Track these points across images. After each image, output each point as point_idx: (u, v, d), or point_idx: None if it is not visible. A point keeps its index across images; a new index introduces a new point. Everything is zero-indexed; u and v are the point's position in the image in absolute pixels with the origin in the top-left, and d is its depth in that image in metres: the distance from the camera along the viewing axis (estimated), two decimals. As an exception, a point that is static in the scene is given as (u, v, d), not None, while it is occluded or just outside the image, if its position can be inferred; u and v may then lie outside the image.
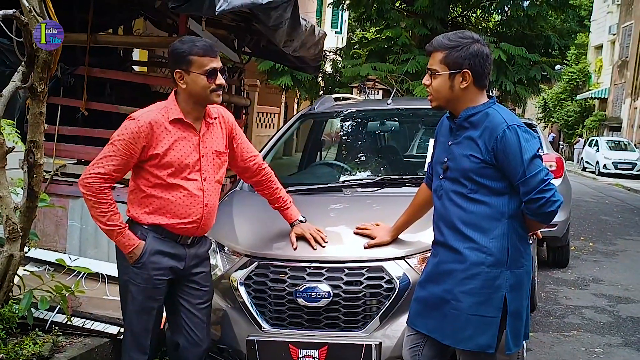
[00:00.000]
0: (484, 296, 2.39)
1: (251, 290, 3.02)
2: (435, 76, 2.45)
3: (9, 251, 3.10)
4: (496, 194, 2.41)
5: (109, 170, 2.63)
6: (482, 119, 2.42)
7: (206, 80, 2.66)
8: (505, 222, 2.41)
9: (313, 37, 5.83)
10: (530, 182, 2.33)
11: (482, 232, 2.40)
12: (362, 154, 4.68)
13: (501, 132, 2.35)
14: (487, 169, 2.39)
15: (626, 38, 30.60)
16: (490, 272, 2.39)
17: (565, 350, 4.68)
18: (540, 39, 10.88)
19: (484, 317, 2.39)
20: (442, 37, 2.47)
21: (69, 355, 3.27)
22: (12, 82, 2.95)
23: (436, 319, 2.49)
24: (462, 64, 2.40)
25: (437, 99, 2.49)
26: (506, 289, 2.40)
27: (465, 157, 2.43)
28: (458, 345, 2.45)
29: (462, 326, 2.41)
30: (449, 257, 2.47)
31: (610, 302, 6.05)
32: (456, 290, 2.42)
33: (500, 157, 2.36)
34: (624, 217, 12.37)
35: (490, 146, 2.36)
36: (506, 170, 2.37)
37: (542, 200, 2.33)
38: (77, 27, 5.41)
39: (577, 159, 29.51)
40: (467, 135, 2.45)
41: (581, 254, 8.35)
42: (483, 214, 2.40)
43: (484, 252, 2.39)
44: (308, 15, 17.01)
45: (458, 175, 2.45)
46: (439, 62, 2.43)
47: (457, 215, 2.45)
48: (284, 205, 3.15)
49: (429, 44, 2.50)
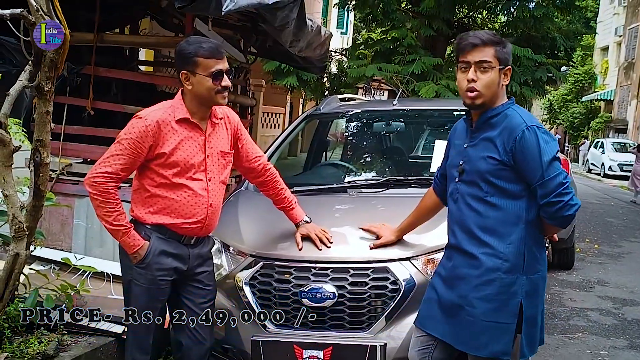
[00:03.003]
0: (499, 302, 2.36)
1: (256, 291, 3.02)
2: (486, 70, 2.37)
3: (15, 250, 3.10)
4: (513, 197, 2.37)
5: (116, 169, 2.63)
6: (501, 119, 2.40)
7: (211, 82, 2.66)
8: (522, 226, 2.37)
9: (319, 38, 5.83)
10: (548, 184, 2.30)
11: (498, 237, 2.37)
12: (367, 154, 4.68)
13: (520, 133, 2.32)
14: (504, 170, 2.36)
15: (632, 40, 30.48)
16: (506, 278, 2.36)
17: (570, 353, 4.66)
18: (546, 40, 10.85)
19: (499, 324, 2.36)
20: (484, 33, 2.41)
21: (73, 354, 3.28)
22: (19, 81, 2.95)
23: (450, 324, 2.46)
24: (508, 60, 2.40)
25: (484, 95, 2.39)
26: (522, 295, 2.37)
27: (482, 158, 2.39)
28: (473, 351, 2.42)
29: (477, 333, 2.38)
30: (464, 262, 2.43)
31: (615, 304, 6.03)
32: (471, 296, 2.39)
33: (519, 159, 2.33)
34: (630, 219, 12.33)
35: (509, 147, 2.33)
36: (524, 172, 2.34)
37: (560, 204, 2.30)
38: (84, 27, 5.42)
39: (582, 161, 29.40)
40: (484, 137, 2.42)
41: (586, 256, 8.32)
42: (500, 219, 2.37)
43: (500, 257, 2.36)
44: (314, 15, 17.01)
45: (474, 177, 2.41)
46: (492, 56, 2.37)
47: (473, 219, 2.41)
48: (289, 206, 3.15)
49: (473, 37, 2.40)
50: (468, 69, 2.39)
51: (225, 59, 2.72)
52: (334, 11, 23.96)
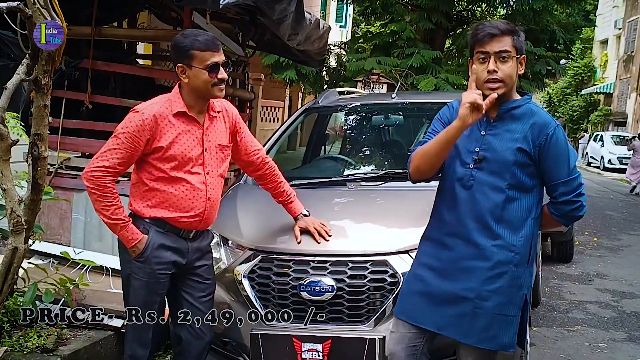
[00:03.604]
0: (509, 295, 2.37)
1: (255, 284, 3.02)
2: (506, 60, 2.33)
3: (13, 244, 3.10)
4: (528, 192, 2.40)
5: (113, 164, 2.63)
6: (526, 113, 2.39)
7: (207, 75, 2.65)
8: (531, 221, 2.41)
9: (317, 31, 5.82)
10: (572, 183, 2.38)
11: (512, 229, 2.37)
12: (366, 148, 4.67)
13: (552, 130, 2.35)
14: (529, 165, 2.37)
15: (632, 32, 30.41)
16: (516, 271, 2.38)
17: (569, 345, 4.67)
18: (546, 33, 10.85)
19: (507, 317, 2.38)
20: (500, 22, 2.38)
21: (73, 348, 3.28)
22: (16, 75, 2.94)
23: (449, 316, 2.42)
24: (523, 49, 2.40)
25: (507, 85, 2.35)
26: (527, 287, 2.41)
27: (510, 150, 2.37)
28: (481, 344, 2.39)
29: (486, 325, 2.37)
30: (471, 254, 2.39)
31: (614, 297, 6.04)
32: (482, 289, 2.36)
33: (547, 155, 2.35)
34: (629, 212, 12.34)
35: (539, 142, 2.35)
36: (548, 168, 2.37)
37: (577, 204, 2.40)
38: (82, 20, 5.40)
39: (582, 154, 29.37)
40: (508, 128, 2.39)
41: (585, 249, 8.34)
42: (516, 211, 2.38)
43: (512, 250, 2.37)
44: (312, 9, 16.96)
45: (499, 167, 2.37)
46: (511, 45, 2.34)
47: (489, 209, 2.37)
48: (288, 199, 3.14)
49: (490, 27, 2.35)
50: (487, 59, 2.34)
51: (221, 51, 2.71)
52: (333, 4, 23.91)
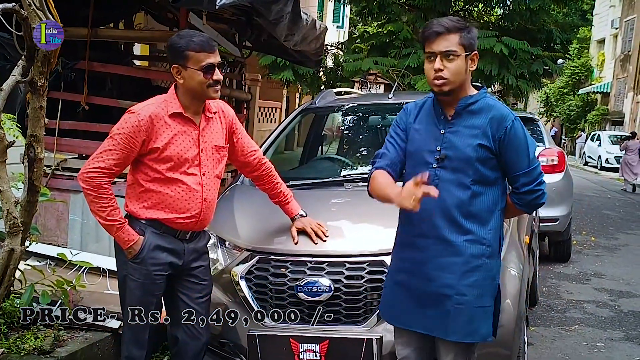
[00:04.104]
0: (485, 287, 2.42)
1: (252, 285, 3.02)
2: (452, 58, 2.35)
3: (9, 245, 3.09)
4: (492, 185, 2.44)
5: (109, 165, 2.62)
6: (484, 107, 2.42)
7: (202, 76, 2.65)
8: (498, 213, 2.47)
9: (314, 31, 5.82)
10: (533, 173, 2.43)
11: (481, 223, 2.42)
12: (363, 148, 4.66)
13: (510, 123, 2.38)
14: (491, 159, 2.40)
15: (629, 32, 30.47)
16: (489, 262, 2.43)
17: (566, 345, 4.68)
18: (543, 33, 10.85)
19: (485, 308, 2.43)
20: (447, 20, 2.40)
21: (70, 350, 3.27)
22: (12, 76, 2.94)
23: (431, 317, 2.43)
24: (473, 46, 2.41)
25: (453, 82, 2.37)
26: (498, 277, 2.49)
27: (471, 146, 2.39)
28: (465, 339, 2.42)
29: (468, 319, 2.39)
30: (444, 251, 2.40)
31: (611, 296, 6.05)
32: (460, 284, 2.39)
33: (507, 148, 2.39)
34: (626, 212, 12.36)
35: (498, 136, 2.38)
36: (509, 160, 2.41)
37: (539, 192, 2.46)
38: (78, 22, 5.40)
39: (579, 154, 29.41)
40: (467, 124, 2.41)
41: (583, 248, 8.34)
42: (482, 205, 2.42)
43: (483, 243, 2.41)
44: (309, 9, 16.97)
45: (461, 164, 2.39)
46: (457, 44, 2.36)
47: (456, 206, 2.39)
48: (285, 200, 3.14)
49: (436, 25, 2.37)
50: (434, 58, 2.38)
51: (216, 52, 2.70)
52: (329, 5, 23.89)
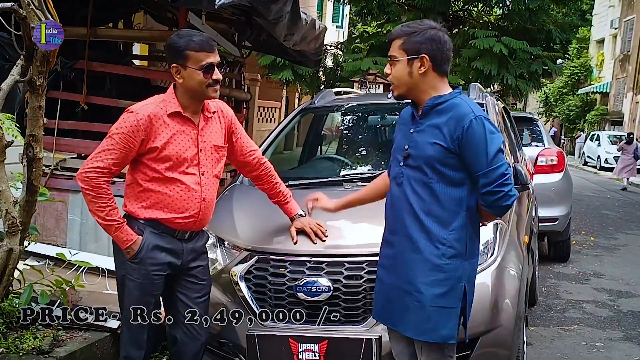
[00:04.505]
0: (446, 287, 2.40)
1: (251, 285, 3.02)
2: (394, 63, 2.46)
3: (8, 245, 3.09)
4: (456, 185, 2.41)
5: (108, 164, 2.62)
6: (448, 107, 2.42)
7: (202, 75, 2.64)
8: (464, 214, 2.42)
9: (313, 31, 5.81)
10: (491, 175, 2.35)
11: (441, 223, 2.40)
12: (362, 148, 4.67)
13: (468, 122, 2.35)
14: (450, 158, 2.39)
15: (628, 32, 30.48)
16: (451, 263, 2.40)
17: (566, 345, 4.67)
18: (542, 33, 10.86)
19: (445, 309, 2.40)
20: (401, 26, 2.51)
21: (69, 350, 3.27)
22: (11, 76, 2.94)
23: (398, 311, 2.48)
24: (420, 49, 2.41)
25: (398, 86, 2.48)
26: (465, 279, 2.43)
27: (429, 144, 2.42)
28: (421, 337, 2.44)
29: (424, 318, 2.41)
30: (408, 247, 2.44)
31: (611, 296, 6.05)
32: (418, 281, 2.41)
33: (465, 147, 2.36)
34: (625, 212, 12.36)
35: (456, 135, 2.36)
36: (468, 160, 2.38)
37: (500, 194, 2.35)
38: (77, 21, 5.39)
39: (578, 154, 29.42)
40: (431, 124, 2.44)
41: (582, 248, 8.34)
42: (443, 205, 2.41)
43: (443, 244, 2.40)
44: (309, 9, 16.96)
45: (421, 163, 2.43)
46: (397, 49, 2.45)
47: (418, 204, 2.43)
48: (284, 200, 3.14)
49: (390, 33, 2.54)
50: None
51: (216, 52, 2.70)
52: (329, 5, 23.88)
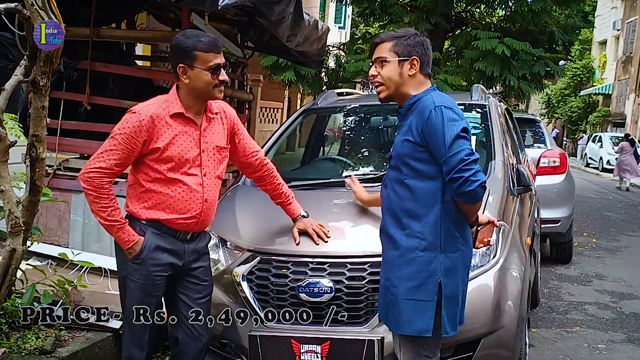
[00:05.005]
0: (419, 280, 2.43)
1: (253, 285, 3.02)
2: (384, 64, 2.52)
3: (11, 245, 3.09)
4: (428, 179, 2.44)
5: (110, 165, 2.62)
6: (417, 104, 2.49)
7: (210, 76, 2.65)
8: (439, 206, 2.44)
9: (316, 32, 5.82)
10: (450, 161, 2.35)
11: (416, 218, 2.45)
12: (365, 149, 4.66)
13: (428, 113, 2.40)
14: (420, 152, 2.43)
15: (630, 34, 30.45)
16: (424, 256, 2.43)
17: (568, 346, 4.67)
18: (544, 34, 10.85)
19: (419, 302, 2.43)
20: (386, 33, 2.63)
21: (71, 350, 3.27)
22: (14, 76, 2.94)
23: (382, 306, 2.58)
24: (411, 52, 2.51)
25: (387, 87, 2.54)
26: (441, 272, 2.44)
27: (401, 142, 2.49)
28: (397, 330, 2.50)
29: (399, 311, 2.46)
30: (389, 245, 2.54)
31: (613, 298, 6.04)
32: (393, 275, 2.48)
33: (427, 138, 2.40)
34: (628, 214, 12.34)
35: (420, 128, 2.41)
36: (432, 150, 2.41)
37: (460, 180, 2.33)
38: (80, 22, 5.40)
39: (580, 155, 29.39)
40: (405, 123, 2.52)
41: (584, 250, 8.33)
42: (417, 200, 2.45)
43: (417, 237, 2.44)
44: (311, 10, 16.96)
45: (397, 162, 2.51)
46: (388, 51, 2.52)
47: (396, 202, 2.50)
48: (286, 201, 3.14)
49: (376, 38, 2.61)
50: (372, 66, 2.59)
51: (222, 53, 2.71)
52: (331, 5, 23.90)
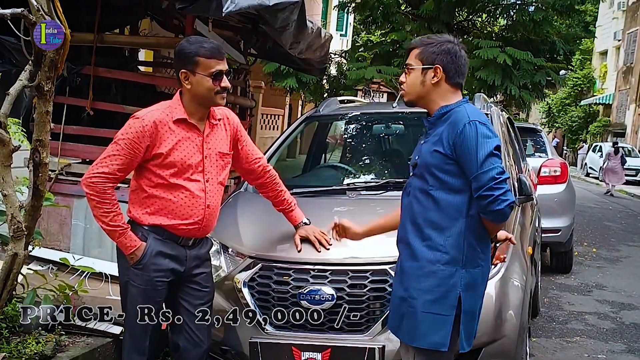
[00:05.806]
0: (438, 294, 2.40)
1: (255, 292, 3.02)
2: (409, 71, 2.53)
3: (13, 250, 3.09)
4: (455, 192, 2.42)
5: (113, 170, 2.63)
6: (449, 115, 2.47)
7: (211, 82, 2.66)
8: (463, 220, 2.41)
9: (319, 40, 5.83)
10: (481, 178, 2.32)
11: (439, 230, 2.42)
12: (366, 156, 4.67)
13: (461, 127, 2.37)
14: (449, 164, 2.41)
15: (631, 44, 30.53)
16: (445, 270, 2.40)
17: (568, 357, 4.66)
18: (546, 44, 10.87)
19: (437, 315, 2.40)
20: (422, 37, 2.60)
21: (71, 355, 3.27)
22: (19, 81, 2.95)
23: (398, 318, 2.51)
24: (435, 60, 2.48)
25: (409, 93, 2.55)
26: (461, 287, 2.41)
27: (430, 153, 2.46)
28: (412, 342, 2.45)
29: (416, 324, 2.42)
30: (408, 255, 2.48)
31: (613, 308, 6.03)
32: (412, 287, 2.43)
33: (459, 151, 2.38)
34: (628, 223, 12.34)
35: (452, 140, 2.39)
36: (463, 165, 2.38)
37: (490, 198, 2.31)
38: (84, 27, 5.42)
39: (580, 165, 29.41)
40: (435, 133, 2.49)
41: (584, 259, 8.33)
42: (441, 212, 2.42)
43: (439, 250, 2.41)
44: (313, 17, 17.01)
45: (423, 171, 2.48)
46: (414, 58, 2.52)
47: (419, 212, 2.46)
48: (288, 208, 3.15)
49: (411, 43, 2.62)
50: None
51: (225, 59, 2.72)
52: (333, 13, 23.97)
